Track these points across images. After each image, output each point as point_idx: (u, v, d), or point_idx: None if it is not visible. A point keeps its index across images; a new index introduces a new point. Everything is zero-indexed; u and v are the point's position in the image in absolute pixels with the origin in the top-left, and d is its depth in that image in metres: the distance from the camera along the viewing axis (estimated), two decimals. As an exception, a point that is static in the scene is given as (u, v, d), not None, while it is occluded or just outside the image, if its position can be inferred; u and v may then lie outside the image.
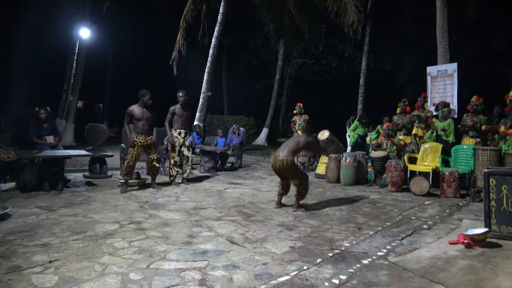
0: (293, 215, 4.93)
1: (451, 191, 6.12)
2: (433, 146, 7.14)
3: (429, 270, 3.03)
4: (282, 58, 18.05)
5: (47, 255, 3.19)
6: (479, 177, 5.71)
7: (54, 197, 5.55)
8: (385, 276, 2.95)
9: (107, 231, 3.94)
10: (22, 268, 2.90)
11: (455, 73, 8.43)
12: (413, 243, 3.80)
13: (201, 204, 5.45)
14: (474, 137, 6.91)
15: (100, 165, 7.27)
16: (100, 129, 7.96)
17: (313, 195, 6.37)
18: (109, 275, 2.83)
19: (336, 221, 4.68)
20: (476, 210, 5.23)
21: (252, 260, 3.25)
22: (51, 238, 3.66)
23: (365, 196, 6.32)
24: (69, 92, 12.99)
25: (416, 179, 6.47)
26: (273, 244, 3.71)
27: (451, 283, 2.77)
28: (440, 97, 8.56)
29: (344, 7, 10.52)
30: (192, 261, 3.19)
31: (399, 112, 8.05)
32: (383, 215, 5.02)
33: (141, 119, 6.18)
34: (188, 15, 12.85)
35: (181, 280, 2.81)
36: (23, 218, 4.35)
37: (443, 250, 3.46)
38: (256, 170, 9.46)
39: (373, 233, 4.13)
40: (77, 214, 4.59)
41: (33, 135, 6.59)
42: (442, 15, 9.07)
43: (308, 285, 2.80)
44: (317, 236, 4.00)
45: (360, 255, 3.44)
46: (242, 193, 6.38)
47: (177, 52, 13.07)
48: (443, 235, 4.03)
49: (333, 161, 7.73)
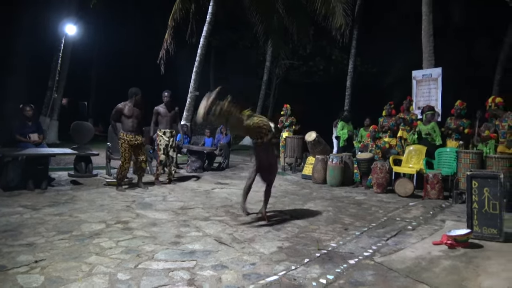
0: (280, 215, 4.96)
1: (435, 192, 6.25)
2: (418, 148, 7.28)
3: (413, 270, 3.10)
4: (270, 59, 18.10)
5: (32, 255, 3.15)
6: (461, 179, 5.85)
7: (38, 196, 5.46)
8: (371, 276, 3.01)
9: (93, 231, 3.90)
10: (7, 268, 2.85)
11: (440, 78, 8.61)
12: (398, 243, 3.88)
13: (189, 204, 5.44)
14: (458, 140, 7.08)
15: (85, 164, 7.17)
16: (86, 127, 7.86)
17: (300, 196, 6.43)
18: (96, 275, 2.81)
19: (323, 221, 4.74)
20: (458, 211, 5.36)
21: (240, 260, 3.27)
22: (36, 237, 3.60)
23: (351, 197, 6.41)
24: (54, 89, 12.75)
25: (400, 181, 6.59)
26: (261, 244, 3.73)
27: (435, 283, 2.85)
28: (425, 100, 8.74)
29: (332, 10, 10.64)
30: (180, 261, 3.19)
31: (384, 115, 8.19)
32: (369, 216, 5.10)
33: (130, 117, 6.15)
34: (176, 14, 12.81)
35: (170, 280, 2.81)
36: (6, 217, 4.27)
37: (427, 251, 3.55)
38: (243, 170, 9.47)
39: (359, 234, 4.19)
40: (62, 214, 4.53)
41: (17, 132, 6.46)
42: (427, 20, 9.26)
43: (296, 284, 2.83)
44: (304, 237, 4.04)
45: (347, 255, 3.50)
46: (230, 193, 6.39)
47: (165, 51, 13.01)
48: (426, 235, 4.13)
49: (319, 162, 7.81)
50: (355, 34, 13.90)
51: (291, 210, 5.32)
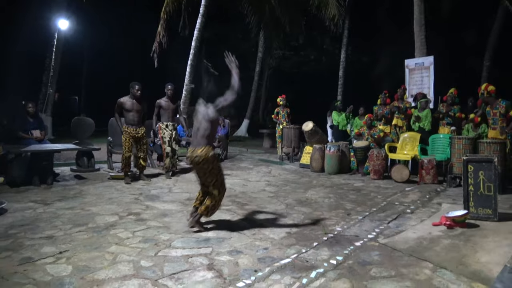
0: (284, 203, 5.15)
1: (430, 177, 6.50)
2: (412, 135, 7.52)
3: (416, 249, 3.32)
4: (263, 50, 18.15)
5: (55, 246, 3.29)
6: (455, 164, 6.11)
7: (46, 191, 5.56)
8: (377, 256, 3.22)
9: (108, 223, 4.04)
10: (34, 259, 2.99)
11: (432, 66, 8.84)
12: (399, 226, 4.10)
13: (194, 195, 5.51)
14: (449, 125, 7.33)
15: (87, 159, 7.26)
16: (87, 122, 7.92)
17: (301, 184, 6.63)
18: (121, 263, 2.97)
19: (326, 207, 4.94)
20: (453, 195, 5.61)
21: (253, 246, 3.45)
22: (54, 230, 3.74)
23: (350, 184, 6.63)
24: (49, 84, 12.70)
25: (396, 167, 6.83)
26: (271, 230, 3.92)
27: (437, 260, 3.06)
28: (418, 88, 8.97)
29: (325, 1, 10.75)
30: (197, 248, 3.36)
31: (379, 103, 8.40)
32: (369, 201, 5.32)
33: (131, 110, 6.27)
34: (168, 7, 12.75)
35: (190, 265, 2.98)
36: (20, 212, 4.38)
37: (427, 231, 3.77)
38: (242, 161, 9.64)
39: (362, 218, 4.41)
40: (73, 207, 4.65)
41: (19, 129, 6.52)
42: (419, 10, 9.44)
43: (308, 266, 3.02)
44: (310, 222, 4.24)
45: (352, 238, 3.71)
46: (232, 183, 6.55)
47: (158, 44, 12.97)
48: (425, 218, 4.36)
49: (317, 151, 8.00)
50: (346, 23, 14.04)
51: (294, 197, 5.50)
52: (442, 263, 3.00)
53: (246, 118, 18.50)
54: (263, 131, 14.35)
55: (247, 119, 18.48)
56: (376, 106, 8.46)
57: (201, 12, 12.51)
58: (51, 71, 12.88)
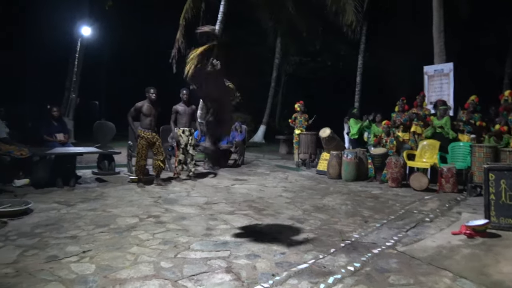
0: (301, 209, 5.16)
1: (449, 186, 6.40)
2: (431, 143, 7.43)
3: (435, 258, 3.29)
4: (279, 56, 18.23)
5: (78, 246, 3.39)
6: (475, 172, 6.00)
7: (69, 193, 5.72)
8: (396, 264, 3.20)
9: (129, 224, 4.14)
10: (59, 258, 3.10)
11: (451, 73, 8.73)
12: (417, 234, 4.06)
13: (212, 199, 5.67)
14: (469, 133, 7.21)
15: (108, 162, 7.44)
16: (108, 126, 8.12)
17: (318, 190, 6.62)
18: (142, 264, 3.04)
19: (343, 214, 4.93)
20: (473, 204, 5.51)
21: (270, 250, 3.48)
22: (77, 231, 3.85)
23: (367, 191, 6.59)
24: (71, 89, 13.07)
25: (415, 175, 6.75)
26: (288, 235, 3.94)
27: (457, 269, 3.03)
28: (437, 95, 8.87)
29: (343, 7, 10.77)
30: (215, 251, 3.42)
31: (397, 110, 8.33)
32: (387, 209, 5.29)
33: (149, 115, 6.37)
34: (187, 13, 13.00)
35: (209, 268, 3.03)
36: (45, 212, 4.53)
37: (446, 240, 3.73)
38: (259, 166, 9.69)
39: (380, 226, 4.38)
40: (95, 209, 4.78)
41: (44, 132, 6.74)
42: (438, 16, 9.36)
43: (326, 272, 3.03)
44: (327, 229, 4.24)
45: (370, 245, 3.70)
46: (249, 188, 6.60)
47: (177, 50, 13.21)
48: (444, 227, 4.30)
49: (334, 158, 7.98)
50: (364, 30, 13.99)
51: (310, 204, 5.51)
52: (462, 272, 2.97)
53: (263, 124, 18.57)
54: (279, 137, 14.38)
55: (263, 125, 18.55)
56: (394, 113, 8.39)
57: (219, 18, 12.70)
58: (73, 76, 13.25)
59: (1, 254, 3.16)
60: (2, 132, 6.19)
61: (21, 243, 3.43)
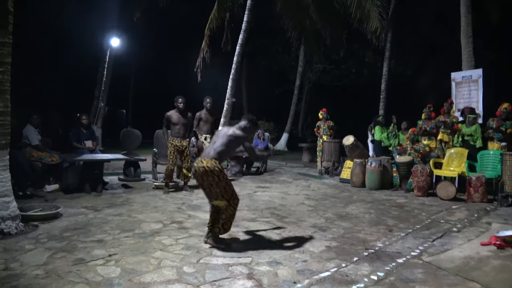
0: (324, 217, 5.12)
1: (478, 196, 6.19)
2: (459, 151, 7.22)
3: (462, 269, 3.19)
4: (303, 64, 18.23)
5: (104, 249, 3.49)
6: (507, 182, 5.79)
7: (96, 198, 5.90)
8: (421, 274, 3.13)
9: (153, 230, 4.23)
10: (86, 261, 3.20)
11: (480, 79, 8.47)
12: (444, 244, 3.95)
13: (234, 206, 5.69)
14: (500, 141, 6.95)
15: (134, 169, 7.62)
16: (135, 134, 8.34)
17: (341, 199, 6.54)
18: (165, 268, 3.10)
19: (366, 223, 4.85)
20: (504, 214, 5.31)
21: (292, 258, 3.47)
22: (103, 235, 3.97)
23: (392, 200, 6.46)
24: (100, 98, 13.53)
25: (442, 184, 6.57)
26: (310, 243, 3.92)
27: (485, 281, 2.93)
28: (465, 102, 8.62)
29: (367, 14, 10.67)
30: (237, 257, 3.44)
31: (424, 118, 8.14)
32: (412, 218, 5.16)
33: (177, 124, 6.55)
34: (212, 23, 13.20)
35: (231, 274, 3.05)
36: (74, 217, 4.68)
37: (475, 251, 3.61)
38: (281, 174, 9.67)
39: (405, 235, 4.29)
40: (121, 214, 4.91)
41: (73, 139, 7.00)
42: (466, 21, 9.13)
43: (348, 280, 3.00)
44: (350, 237, 4.19)
45: (394, 254, 3.62)
46: (272, 196, 6.60)
47: (202, 60, 13.44)
48: (473, 237, 4.16)
49: (358, 166, 7.88)
50: (389, 36, 13.81)
51: (333, 212, 5.45)
52: (491, 284, 2.87)
53: (286, 131, 18.55)
54: (302, 145, 14.32)
55: (286, 133, 18.53)
56: (420, 120, 8.21)
57: (243, 28, 12.86)
58: (102, 85, 13.72)
59: (33, 256, 3.30)
60: (34, 139, 6.45)
61: (51, 246, 3.57)
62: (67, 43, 13.75)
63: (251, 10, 12.90)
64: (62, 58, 14.34)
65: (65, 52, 14.22)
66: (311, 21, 13.97)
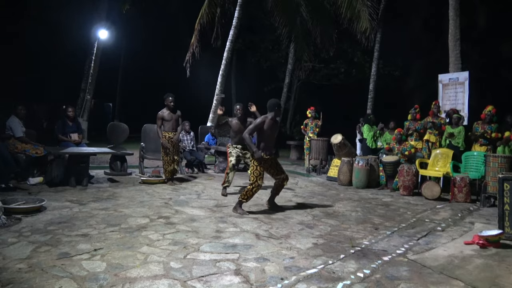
0: (311, 214, 5.14)
1: (462, 196, 6.31)
2: (444, 152, 7.34)
3: (446, 267, 3.25)
4: (292, 62, 18.26)
5: (90, 244, 3.44)
6: (489, 183, 5.91)
7: (81, 192, 5.81)
8: (406, 272, 3.17)
9: (139, 224, 4.18)
10: (71, 255, 3.15)
11: (467, 82, 8.62)
12: (429, 243, 4.01)
13: (222, 202, 5.69)
14: (485, 145, 7.07)
15: (121, 163, 7.53)
16: (122, 128, 8.23)
17: (328, 196, 6.59)
18: (152, 263, 3.07)
19: (353, 221, 4.90)
20: (487, 214, 5.42)
21: (279, 254, 3.47)
22: (89, 229, 3.91)
23: (378, 199, 6.53)
24: (87, 91, 13.30)
25: (427, 184, 6.67)
26: (297, 240, 3.93)
27: (468, 279, 2.98)
28: (451, 104, 8.76)
29: (357, 14, 10.74)
30: (224, 253, 3.43)
31: (410, 119, 8.24)
32: (398, 217, 5.23)
33: (170, 120, 6.72)
34: (203, 19, 13.10)
35: (218, 269, 3.04)
36: (58, 210, 4.60)
37: (459, 250, 3.68)
38: (269, 171, 9.67)
39: (390, 233, 4.34)
40: (107, 208, 4.84)
41: (59, 132, 6.87)
42: (454, 24, 9.26)
43: (335, 277, 3.02)
44: (337, 234, 4.22)
45: (380, 252, 3.66)
46: (259, 193, 6.52)
47: (191, 54, 13.33)
48: (457, 236, 4.24)
49: (345, 164, 7.94)
50: (378, 37, 13.93)
51: (320, 209, 5.49)
52: (474, 282, 2.92)
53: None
54: (290, 142, 14.37)
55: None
56: (407, 121, 8.30)
57: (234, 24, 12.81)
58: (89, 78, 13.49)
59: (15, 250, 3.23)
60: (18, 130, 6.31)
61: (34, 240, 3.50)
62: (55, 34, 13.47)
63: (242, 6, 12.85)
64: (49, 49, 14.05)
65: (51, 43, 13.93)
66: (302, 19, 14.00)
